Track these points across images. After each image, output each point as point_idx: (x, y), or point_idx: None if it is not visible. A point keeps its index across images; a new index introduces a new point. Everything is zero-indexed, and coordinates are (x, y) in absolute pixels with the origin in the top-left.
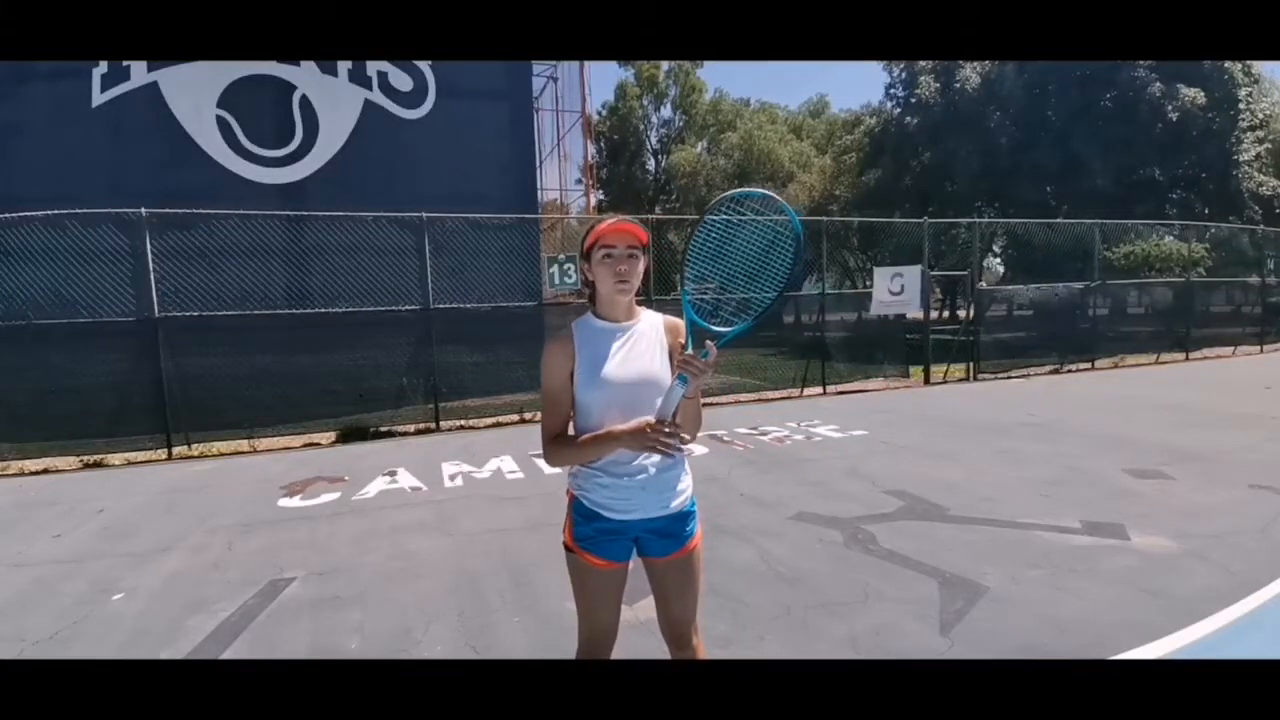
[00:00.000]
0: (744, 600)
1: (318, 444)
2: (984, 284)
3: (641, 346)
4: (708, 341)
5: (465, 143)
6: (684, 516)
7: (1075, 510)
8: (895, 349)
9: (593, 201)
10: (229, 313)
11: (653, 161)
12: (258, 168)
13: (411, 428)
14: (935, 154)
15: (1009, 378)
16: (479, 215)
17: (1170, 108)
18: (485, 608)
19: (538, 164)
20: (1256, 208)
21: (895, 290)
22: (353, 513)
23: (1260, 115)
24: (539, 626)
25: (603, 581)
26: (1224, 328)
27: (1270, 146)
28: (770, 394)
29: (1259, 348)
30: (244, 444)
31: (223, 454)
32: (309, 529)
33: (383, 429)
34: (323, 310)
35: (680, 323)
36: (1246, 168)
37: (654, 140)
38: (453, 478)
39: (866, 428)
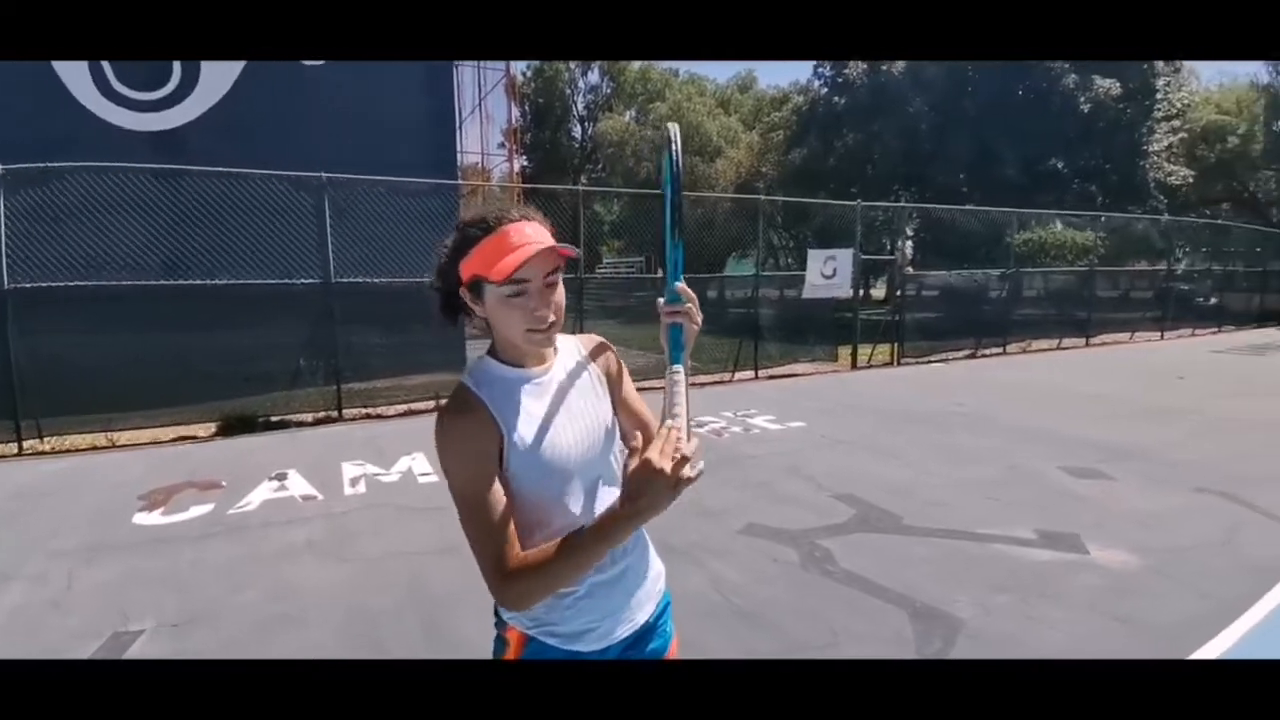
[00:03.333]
0: (701, 647)
1: (194, 436)
2: (910, 269)
3: (581, 392)
4: (676, 286)
5: (375, 94)
6: (665, 605)
7: (1026, 517)
8: (824, 330)
9: (515, 167)
10: (90, 283)
11: (579, 128)
12: (127, 112)
13: (309, 416)
14: (858, 135)
15: (930, 362)
16: (389, 179)
17: (1083, 99)
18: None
19: (457, 124)
20: (1162, 197)
21: (828, 274)
22: (227, 532)
23: (1178, 104)
24: None
25: None
26: (1123, 313)
27: (1185, 136)
28: (703, 379)
29: (1159, 334)
30: (103, 438)
31: (78, 449)
32: (169, 556)
33: (274, 419)
34: (202, 282)
35: (600, 339)
36: (1155, 157)
37: (581, 106)
38: (354, 482)
39: (803, 418)
